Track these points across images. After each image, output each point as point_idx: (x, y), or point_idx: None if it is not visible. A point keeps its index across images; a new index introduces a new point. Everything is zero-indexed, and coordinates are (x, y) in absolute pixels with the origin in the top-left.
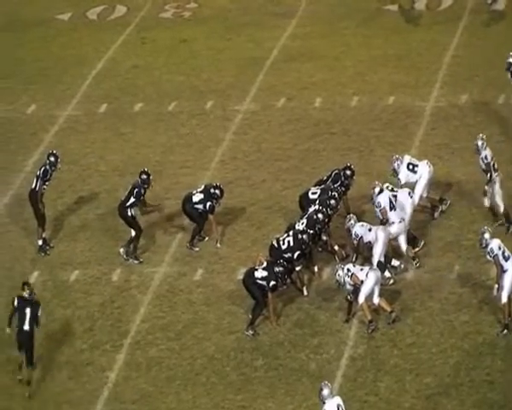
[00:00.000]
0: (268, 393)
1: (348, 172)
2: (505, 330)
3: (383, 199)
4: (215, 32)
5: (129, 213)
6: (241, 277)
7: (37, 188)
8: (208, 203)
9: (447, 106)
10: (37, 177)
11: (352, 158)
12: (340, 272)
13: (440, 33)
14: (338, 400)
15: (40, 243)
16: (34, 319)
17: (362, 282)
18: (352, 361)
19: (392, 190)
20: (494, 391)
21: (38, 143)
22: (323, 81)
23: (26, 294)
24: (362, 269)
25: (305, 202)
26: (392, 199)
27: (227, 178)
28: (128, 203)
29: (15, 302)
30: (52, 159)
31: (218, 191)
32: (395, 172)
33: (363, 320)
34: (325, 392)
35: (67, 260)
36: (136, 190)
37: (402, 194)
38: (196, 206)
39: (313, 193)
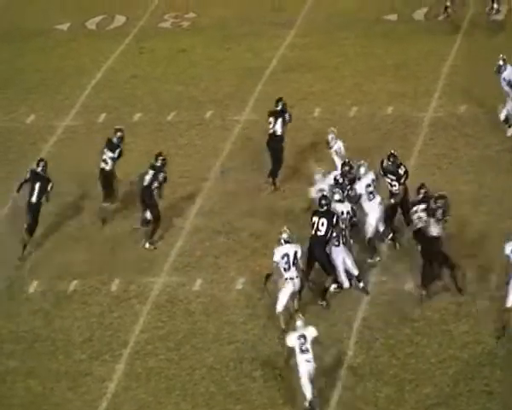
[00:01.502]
0: (267, 403)
1: (346, 168)
2: (505, 329)
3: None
4: (214, 42)
5: (154, 196)
6: (239, 286)
7: (110, 167)
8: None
9: (446, 116)
10: (112, 158)
11: None
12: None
13: (439, 43)
14: (308, 331)
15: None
16: (42, 193)
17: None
18: (351, 371)
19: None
20: (493, 401)
21: (37, 152)
22: (322, 91)
23: (39, 169)
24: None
25: None
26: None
27: (226, 188)
28: (154, 186)
29: (28, 174)
30: (119, 134)
31: None
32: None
33: (361, 330)
34: (298, 323)
35: (66, 270)
36: (162, 174)
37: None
38: None
39: None
